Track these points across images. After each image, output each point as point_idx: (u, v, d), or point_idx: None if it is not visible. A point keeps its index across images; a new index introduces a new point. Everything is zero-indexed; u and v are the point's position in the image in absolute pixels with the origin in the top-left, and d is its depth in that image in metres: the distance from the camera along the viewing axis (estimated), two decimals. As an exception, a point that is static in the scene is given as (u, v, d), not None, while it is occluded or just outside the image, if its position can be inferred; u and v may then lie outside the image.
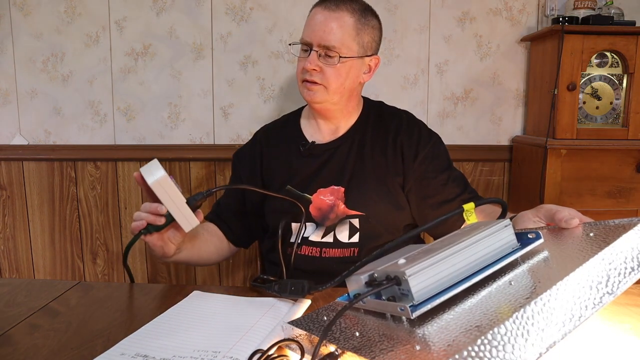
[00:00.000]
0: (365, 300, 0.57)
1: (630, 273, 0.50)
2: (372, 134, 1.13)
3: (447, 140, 1.87)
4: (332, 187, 1.10)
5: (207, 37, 1.81)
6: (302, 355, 0.58)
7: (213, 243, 1.14)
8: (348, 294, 0.66)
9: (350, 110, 1.15)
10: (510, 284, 0.51)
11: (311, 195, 1.10)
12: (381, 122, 1.15)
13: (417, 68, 1.83)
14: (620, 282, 0.49)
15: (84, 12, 1.79)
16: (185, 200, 0.83)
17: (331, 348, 0.53)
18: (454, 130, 1.87)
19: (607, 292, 0.47)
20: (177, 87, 1.83)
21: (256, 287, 0.88)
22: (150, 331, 0.71)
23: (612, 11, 1.64)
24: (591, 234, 0.57)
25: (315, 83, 1.05)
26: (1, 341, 0.69)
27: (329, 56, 1.04)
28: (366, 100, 1.21)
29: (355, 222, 1.08)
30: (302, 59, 1.08)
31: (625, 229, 0.53)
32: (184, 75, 1.82)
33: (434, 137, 1.17)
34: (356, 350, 0.50)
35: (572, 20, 1.60)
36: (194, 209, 0.85)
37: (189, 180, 1.86)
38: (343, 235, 1.09)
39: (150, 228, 0.87)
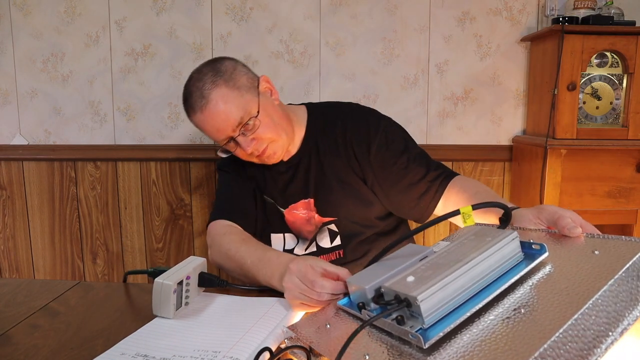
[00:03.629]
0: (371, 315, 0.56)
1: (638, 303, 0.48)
2: (323, 139, 1.11)
3: (447, 140, 1.89)
4: (301, 200, 1.10)
5: (207, 37, 1.81)
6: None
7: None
8: (348, 296, 0.66)
9: (293, 129, 1.11)
10: (521, 312, 0.50)
11: (284, 208, 1.11)
12: (327, 125, 1.12)
13: (417, 68, 1.83)
14: (629, 315, 0.47)
15: (84, 12, 1.79)
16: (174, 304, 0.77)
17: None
18: (454, 130, 1.87)
19: (620, 326, 0.46)
20: (177, 87, 1.83)
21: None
22: (150, 331, 0.71)
23: (612, 11, 1.64)
24: (596, 252, 0.56)
25: (264, 150, 1.03)
26: (1, 341, 0.69)
27: (247, 125, 1.00)
28: (309, 108, 1.17)
29: (332, 226, 1.10)
30: (236, 147, 1.04)
31: (630, 250, 0.53)
32: (184, 75, 1.82)
33: (383, 123, 1.11)
34: None
35: (572, 20, 1.60)
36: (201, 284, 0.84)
37: (189, 180, 1.86)
38: (325, 241, 1.10)
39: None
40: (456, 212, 0.65)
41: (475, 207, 0.65)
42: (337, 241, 1.10)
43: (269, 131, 1.02)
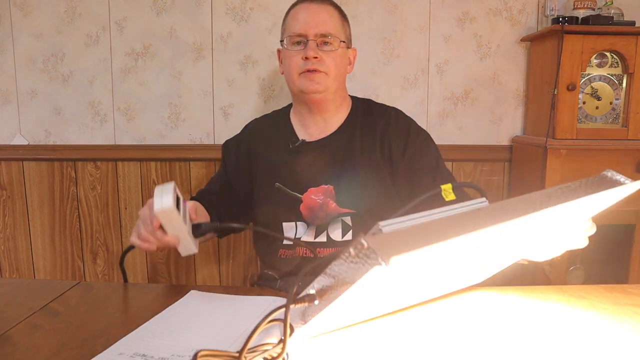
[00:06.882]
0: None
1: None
2: (361, 131, 1.13)
3: (447, 140, 1.89)
4: (322, 186, 1.09)
5: (207, 37, 1.81)
6: (292, 330, 0.61)
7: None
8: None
9: (340, 104, 1.16)
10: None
11: (301, 194, 1.10)
12: (369, 119, 1.15)
13: (417, 68, 1.83)
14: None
15: (84, 12, 1.79)
16: (188, 230, 0.83)
17: (311, 291, 0.58)
18: (454, 130, 1.87)
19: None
20: (177, 87, 1.83)
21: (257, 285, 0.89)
22: (149, 330, 0.71)
23: (612, 11, 1.64)
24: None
25: (317, 71, 1.07)
26: (1, 341, 0.69)
27: (326, 43, 1.08)
28: (354, 98, 1.21)
29: (347, 219, 1.08)
30: (297, 52, 1.08)
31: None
32: (184, 75, 1.82)
33: (423, 135, 1.15)
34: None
35: (572, 20, 1.60)
36: (199, 236, 0.87)
37: (189, 180, 1.86)
38: (336, 234, 1.09)
39: None
40: (437, 190, 0.69)
41: (455, 185, 0.74)
42: (349, 236, 1.08)
43: (333, 66, 1.09)
